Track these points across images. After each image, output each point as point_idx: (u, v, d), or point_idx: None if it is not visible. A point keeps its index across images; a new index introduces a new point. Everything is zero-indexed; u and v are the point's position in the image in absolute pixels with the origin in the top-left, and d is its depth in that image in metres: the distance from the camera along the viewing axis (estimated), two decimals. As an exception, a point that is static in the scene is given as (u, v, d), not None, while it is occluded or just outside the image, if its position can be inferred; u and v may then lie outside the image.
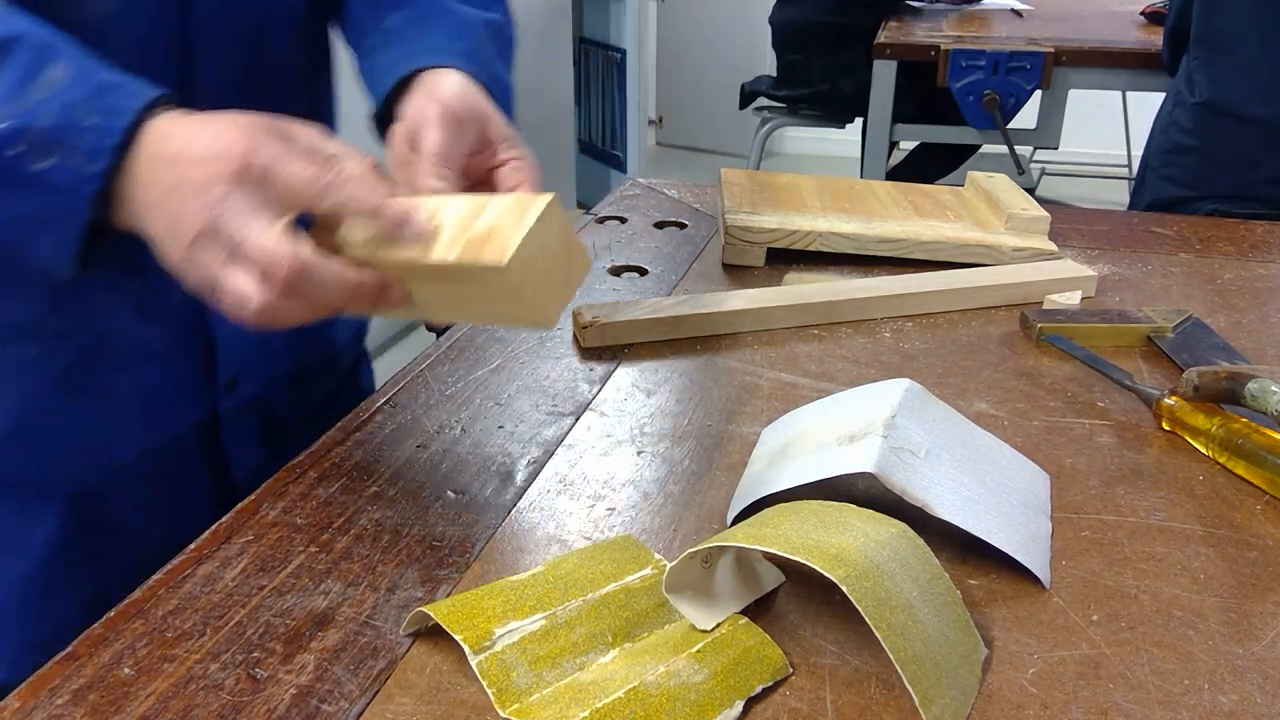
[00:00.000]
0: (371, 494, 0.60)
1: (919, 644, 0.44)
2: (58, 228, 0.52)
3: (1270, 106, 1.50)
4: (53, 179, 0.51)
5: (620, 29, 3.54)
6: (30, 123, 0.51)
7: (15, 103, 0.51)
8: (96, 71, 0.53)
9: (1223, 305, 0.87)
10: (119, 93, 0.52)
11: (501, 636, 0.46)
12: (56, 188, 0.51)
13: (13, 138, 0.51)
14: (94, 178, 0.51)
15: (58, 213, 0.52)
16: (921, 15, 2.56)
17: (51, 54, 0.52)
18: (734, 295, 0.83)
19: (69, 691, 0.45)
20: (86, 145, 0.51)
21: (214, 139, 0.50)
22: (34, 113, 0.51)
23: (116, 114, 0.51)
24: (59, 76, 0.52)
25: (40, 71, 0.52)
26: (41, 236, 0.53)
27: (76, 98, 0.51)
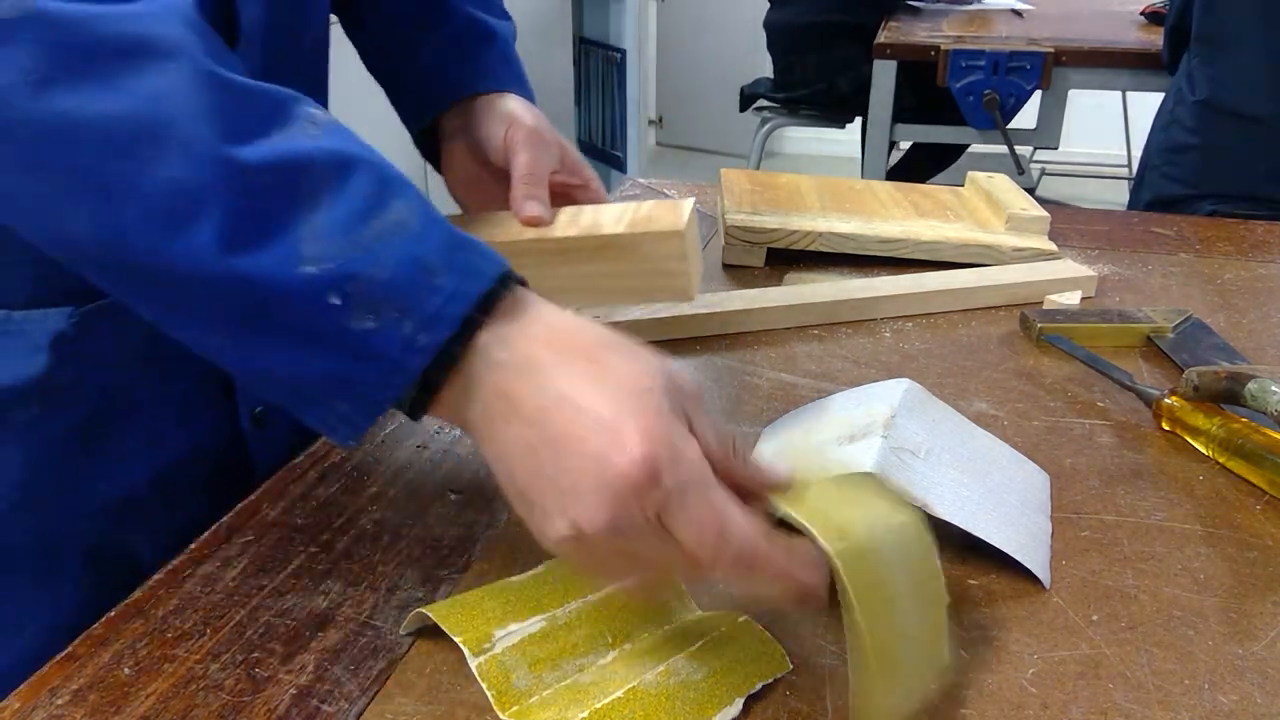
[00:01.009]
0: (371, 494, 0.60)
1: (887, 637, 0.42)
2: (358, 399, 0.43)
3: (1270, 105, 1.50)
4: (372, 344, 0.41)
5: (620, 29, 3.54)
6: (361, 270, 0.41)
7: (346, 242, 0.41)
8: (444, 221, 0.44)
9: (1223, 305, 0.87)
10: (472, 252, 0.43)
11: (501, 639, 0.46)
12: (373, 355, 0.41)
13: (332, 284, 0.41)
14: (427, 350, 0.41)
15: (364, 384, 0.42)
16: (921, 15, 2.56)
17: (395, 189, 0.43)
18: (734, 295, 0.83)
19: (69, 691, 0.45)
20: (430, 310, 0.41)
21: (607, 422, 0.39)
22: (367, 260, 0.41)
23: (471, 277, 0.42)
24: (406, 220, 0.42)
25: (383, 209, 0.42)
26: (332, 402, 0.43)
27: (427, 250, 0.42)
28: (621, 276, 0.65)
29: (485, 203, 0.71)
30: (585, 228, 0.63)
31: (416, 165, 0.85)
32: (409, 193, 0.44)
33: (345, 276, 0.41)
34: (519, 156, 0.65)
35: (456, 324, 0.41)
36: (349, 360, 0.42)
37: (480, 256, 0.43)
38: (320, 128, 0.44)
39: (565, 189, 0.68)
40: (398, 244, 0.42)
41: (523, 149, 0.65)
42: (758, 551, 0.40)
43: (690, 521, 0.39)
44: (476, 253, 0.43)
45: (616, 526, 0.39)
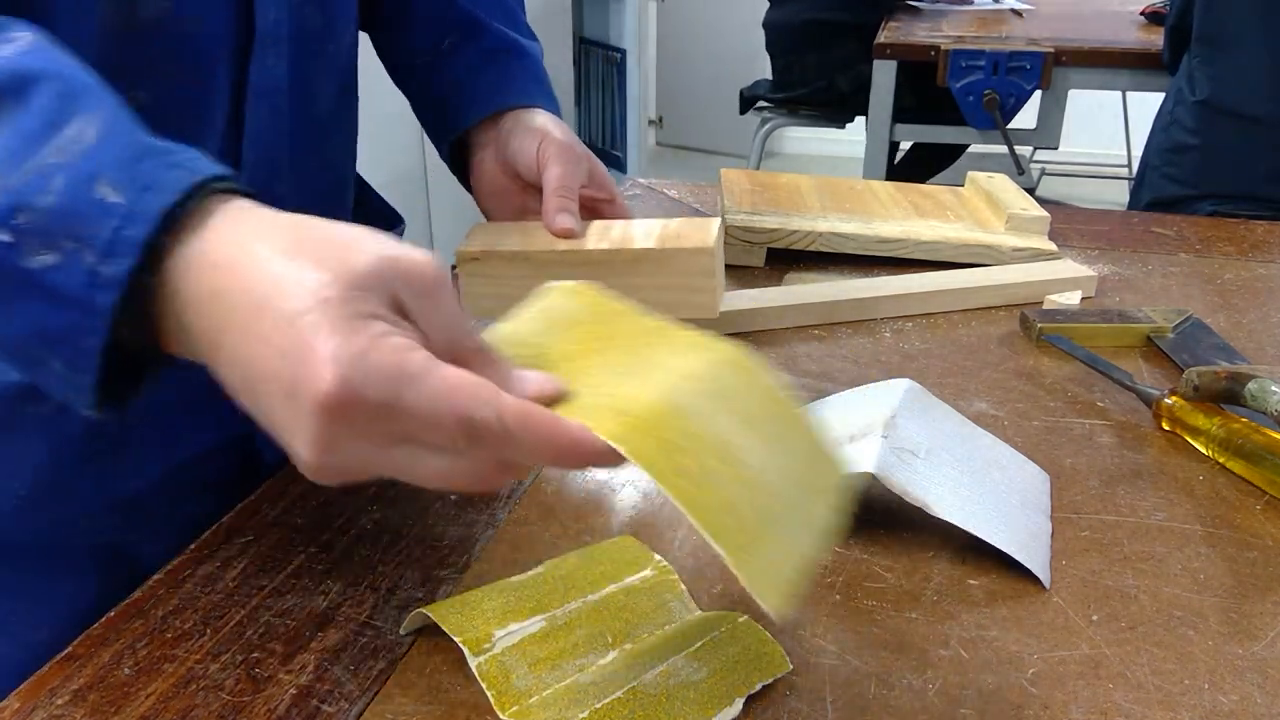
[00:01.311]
0: (371, 494, 0.60)
1: (731, 489, 0.37)
2: (62, 353, 0.38)
3: (1270, 105, 1.50)
4: (53, 283, 0.36)
5: (620, 29, 3.54)
6: (27, 199, 0.36)
7: (13, 171, 0.36)
8: (134, 131, 0.39)
9: (1223, 305, 0.87)
10: (158, 161, 0.38)
11: (501, 639, 0.46)
12: (58, 295, 0.36)
13: (4, 218, 0.36)
14: (111, 284, 0.36)
15: (59, 332, 0.37)
16: (921, 15, 2.56)
17: (79, 104, 0.38)
18: (734, 295, 0.83)
19: (69, 691, 0.45)
20: (103, 237, 0.36)
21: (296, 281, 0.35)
22: (36, 185, 0.36)
23: (152, 191, 0.36)
24: (84, 135, 0.37)
25: (61, 126, 0.37)
26: (48, 360, 0.38)
27: (100, 166, 0.37)
28: (649, 290, 0.67)
29: (512, 214, 0.73)
30: (616, 241, 0.66)
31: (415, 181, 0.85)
32: (99, 104, 0.39)
33: (14, 208, 0.36)
34: (551, 170, 0.66)
35: (136, 250, 0.36)
36: (38, 305, 0.37)
37: (167, 166, 0.37)
38: (9, 52, 0.39)
39: (592, 203, 0.70)
40: (70, 164, 0.36)
41: (555, 163, 0.66)
42: (527, 429, 0.36)
43: (424, 424, 0.35)
44: (164, 161, 0.37)
45: (343, 458, 0.35)
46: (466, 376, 0.36)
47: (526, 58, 0.75)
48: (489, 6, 0.76)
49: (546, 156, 0.67)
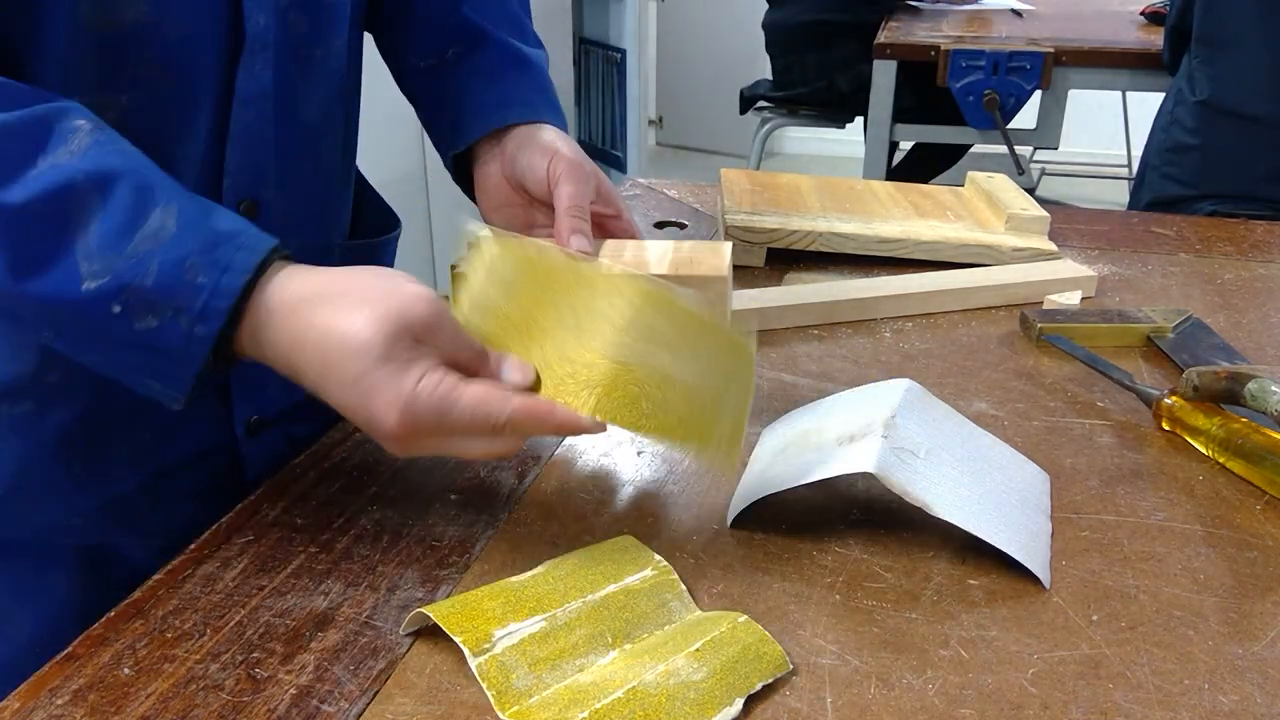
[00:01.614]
0: (371, 494, 0.60)
1: (681, 404, 0.51)
2: (165, 380, 0.50)
3: (1271, 105, 1.50)
4: (158, 340, 0.48)
5: (620, 29, 3.54)
6: (132, 280, 0.47)
7: (115, 255, 0.47)
8: (205, 218, 0.49)
9: (1223, 305, 0.87)
10: (229, 246, 0.49)
11: (501, 638, 0.46)
12: (162, 349, 0.48)
13: (112, 295, 0.47)
14: (205, 340, 0.48)
15: (164, 369, 0.49)
16: (921, 15, 2.56)
17: (156, 196, 0.49)
18: (734, 295, 0.83)
19: (69, 691, 0.45)
20: (197, 307, 0.47)
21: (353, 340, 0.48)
22: (136, 269, 0.47)
23: (230, 272, 0.48)
24: (165, 225, 0.48)
25: (144, 217, 0.48)
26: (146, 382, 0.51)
27: (186, 252, 0.48)
28: None
29: (519, 228, 0.72)
30: (629, 264, 0.65)
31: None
32: (168, 196, 0.49)
33: (120, 288, 0.47)
34: (562, 188, 0.66)
35: (223, 316, 0.48)
36: (144, 354, 0.49)
37: (235, 249, 0.49)
38: (81, 145, 0.49)
39: (599, 219, 0.70)
40: (161, 251, 0.47)
41: (566, 181, 0.66)
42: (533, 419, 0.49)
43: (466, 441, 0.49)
44: (233, 245, 0.49)
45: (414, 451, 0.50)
46: (482, 389, 0.49)
47: (532, 69, 0.75)
48: (495, 16, 0.75)
49: (557, 175, 0.67)
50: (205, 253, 0.48)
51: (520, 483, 0.61)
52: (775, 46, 2.86)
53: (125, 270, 0.47)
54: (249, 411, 0.68)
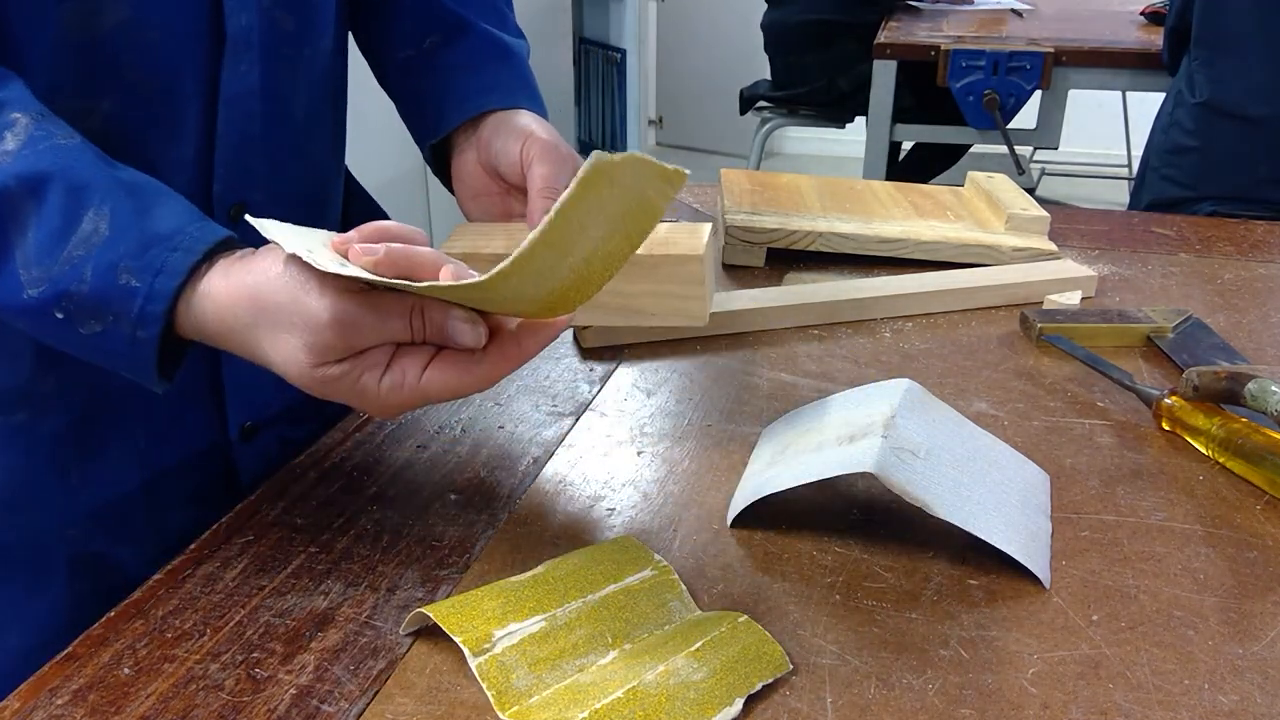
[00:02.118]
0: (371, 494, 0.60)
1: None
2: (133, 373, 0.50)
3: (1270, 106, 1.50)
4: (105, 344, 0.48)
5: (620, 29, 3.54)
6: (68, 288, 0.46)
7: (51, 262, 0.46)
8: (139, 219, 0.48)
9: (1223, 305, 0.87)
10: (162, 248, 0.48)
11: (501, 639, 0.46)
12: (112, 352, 0.48)
13: (52, 303, 0.47)
14: (149, 342, 0.48)
15: (124, 366, 0.50)
16: (921, 15, 2.56)
17: (88, 198, 0.47)
18: (734, 295, 0.83)
19: (69, 691, 0.45)
20: (133, 313, 0.47)
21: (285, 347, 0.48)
22: (71, 276, 0.46)
23: (164, 275, 0.47)
24: (99, 229, 0.47)
25: (76, 223, 0.47)
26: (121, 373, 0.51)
27: (118, 257, 0.47)
28: (637, 296, 0.67)
29: (495, 217, 0.71)
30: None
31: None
32: (101, 196, 0.48)
33: (58, 295, 0.47)
34: (535, 170, 0.65)
35: (160, 320, 0.47)
36: (98, 354, 0.49)
37: (170, 251, 0.47)
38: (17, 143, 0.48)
39: None
40: (94, 256, 0.46)
41: (539, 163, 0.65)
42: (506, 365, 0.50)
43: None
44: (167, 247, 0.48)
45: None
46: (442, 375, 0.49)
47: (512, 58, 0.74)
48: (476, 5, 0.75)
49: (530, 156, 0.66)
50: (137, 256, 0.47)
51: (520, 483, 0.61)
52: (775, 46, 2.86)
53: (61, 277, 0.46)
54: (243, 416, 0.68)
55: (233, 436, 0.67)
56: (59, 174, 0.47)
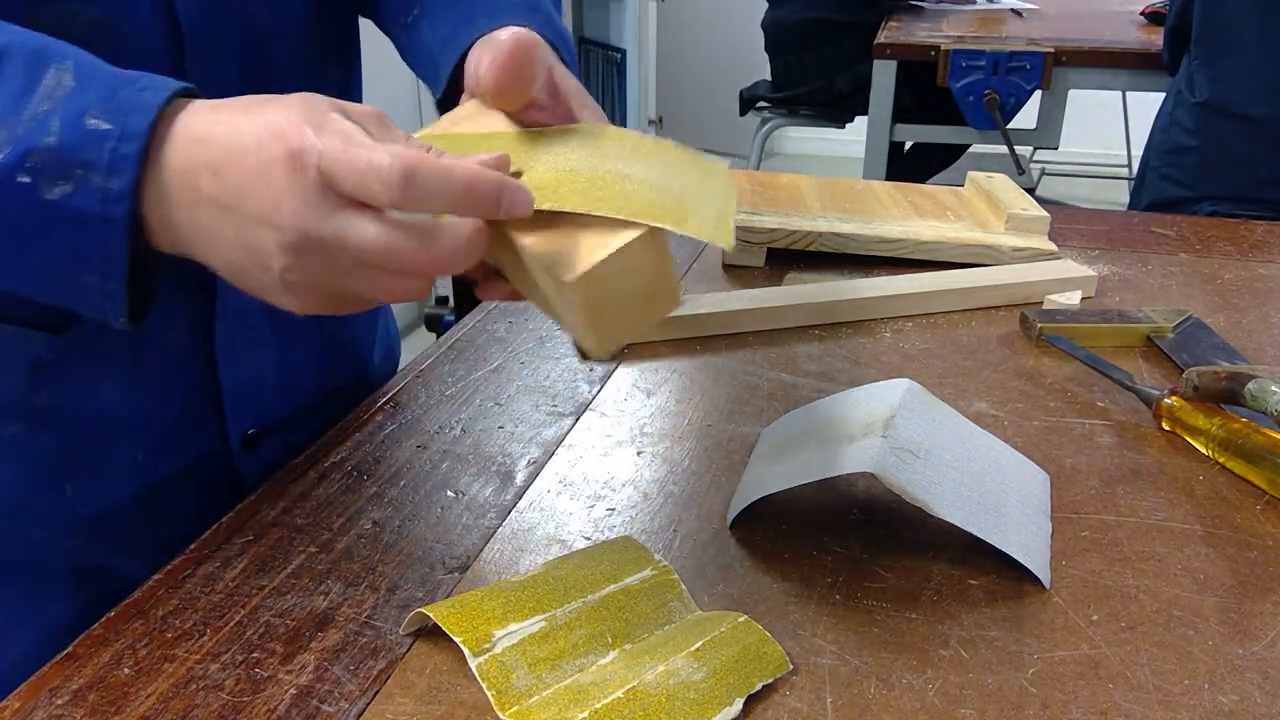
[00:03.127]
0: (371, 494, 0.60)
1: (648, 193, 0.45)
2: (95, 266, 0.44)
3: (1270, 106, 1.50)
4: (75, 207, 0.43)
5: (620, 29, 3.54)
6: (34, 143, 0.42)
7: (15, 121, 0.43)
8: (103, 68, 0.45)
9: (1223, 305, 0.87)
10: (131, 89, 0.44)
11: (501, 639, 0.46)
12: (81, 217, 0.43)
13: (16, 165, 0.43)
14: (122, 196, 0.43)
15: (89, 248, 0.44)
16: (921, 15, 2.56)
17: (48, 57, 0.44)
18: (734, 295, 0.83)
19: (69, 691, 0.45)
20: (104, 159, 0.43)
21: (260, 133, 0.43)
22: (37, 130, 0.43)
23: (135, 113, 0.43)
24: (62, 82, 0.44)
25: (38, 80, 0.44)
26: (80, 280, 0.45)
27: (86, 103, 0.43)
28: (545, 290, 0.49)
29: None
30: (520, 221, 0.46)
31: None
32: (63, 54, 0.45)
33: (23, 154, 0.42)
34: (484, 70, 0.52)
35: (135, 162, 0.43)
36: (66, 231, 0.43)
37: (139, 90, 0.44)
38: None
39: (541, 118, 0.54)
40: (61, 107, 0.43)
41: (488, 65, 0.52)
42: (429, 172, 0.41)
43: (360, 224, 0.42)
44: (135, 87, 0.44)
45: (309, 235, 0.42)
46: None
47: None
48: None
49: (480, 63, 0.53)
50: (106, 99, 0.43)
51: (520, 483, 0.61)
52: (774, 46, 2.86)
53: (26, 135, 0.43)
54: (244, 424, 0.67)
55: (234, 445, 0.67)
56: (17, 44, 0.45)
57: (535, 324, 0.82)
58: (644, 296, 0.46)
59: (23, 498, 0.61)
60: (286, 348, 0.68)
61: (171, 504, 0.65)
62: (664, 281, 0.47)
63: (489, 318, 0.83)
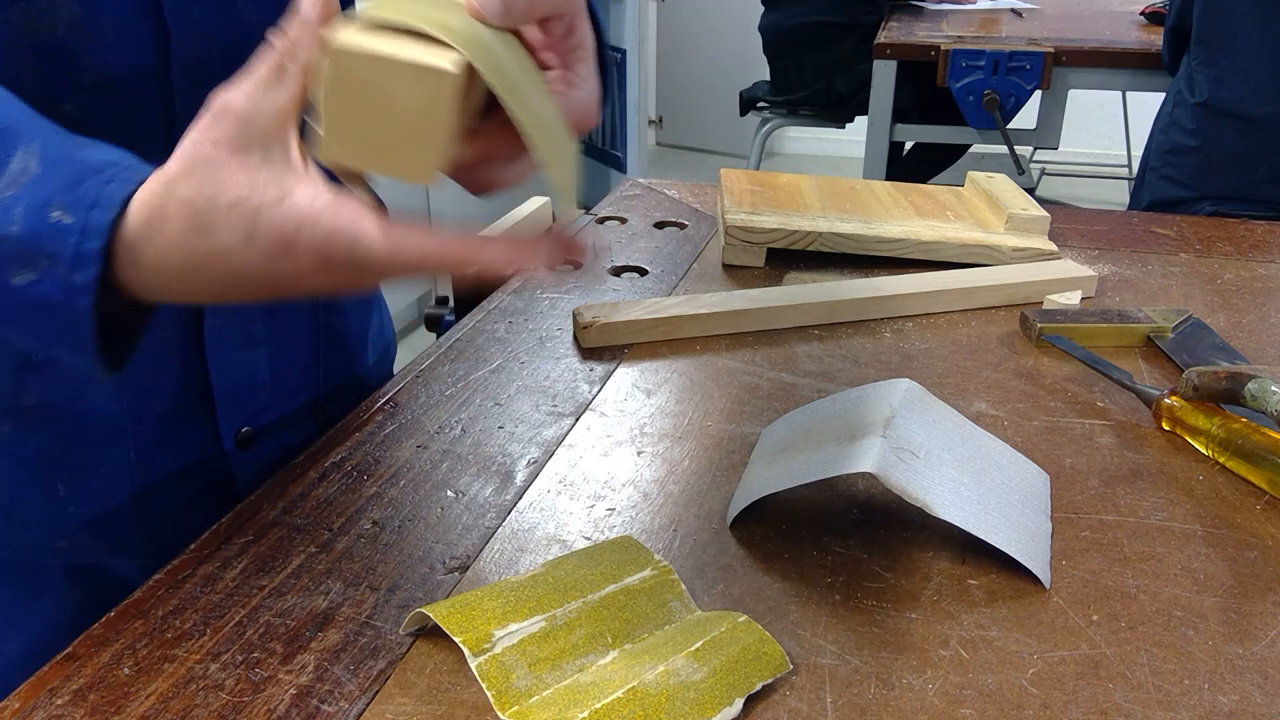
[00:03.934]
0: (371, 494, 0.60)
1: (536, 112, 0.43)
2: (65, 345, 0.44)
3: (1270, 106, 1.50)
4: (40, 295, 0.42)
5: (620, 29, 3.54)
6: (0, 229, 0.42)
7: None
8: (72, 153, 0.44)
9: (1223, 305, 0.87)
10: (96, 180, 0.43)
11: (501, 638, 0.46)
12: (47, 304, 0.43)
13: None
14: (86, 288, 0.42)
15: (57, 332, 0.44)
16: (921, 15, 2.56)
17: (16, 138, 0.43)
18: (734, 295, 0.83)
19: (69, 691, 0.45)
20: (67, 254, 0.42)
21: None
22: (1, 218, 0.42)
23: (97, 208, 0.42)
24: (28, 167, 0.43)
25: (5, 163, 0.43)
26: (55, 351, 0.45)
27: (49, 193, 0.42)
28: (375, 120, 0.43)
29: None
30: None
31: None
32: (31, 134, 0.44)
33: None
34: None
35: (98, 259, 0.42)
36: (34, 316, 0.43)
37: (104, 183, 0.43)
38: None
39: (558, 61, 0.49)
40: (25, 194, 0.42)
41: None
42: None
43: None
44: (100, 179, 0.43)
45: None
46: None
47: None
48: None
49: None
50: (69, 190, 0.42)
51: (520, 483, 0.61)
52: (772, 49, 2.87)
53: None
54: (237, 423, 0.66)
55: (227, 445, 0.67)
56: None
57: (535, 324, 0.82)
58: (397, 134, 0.41)
59: (14, 498, 0.61)
60: (279, 346, 0.67)
61: (165, 504, 0.65)
62: (428, 144, 0.42)
63: (489, 318, 0.84)
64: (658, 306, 0.81)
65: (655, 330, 0.79)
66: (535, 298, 0.87)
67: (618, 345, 0.78)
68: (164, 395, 0.63)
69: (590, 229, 1.05)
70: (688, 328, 0.80)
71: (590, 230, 1.04)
